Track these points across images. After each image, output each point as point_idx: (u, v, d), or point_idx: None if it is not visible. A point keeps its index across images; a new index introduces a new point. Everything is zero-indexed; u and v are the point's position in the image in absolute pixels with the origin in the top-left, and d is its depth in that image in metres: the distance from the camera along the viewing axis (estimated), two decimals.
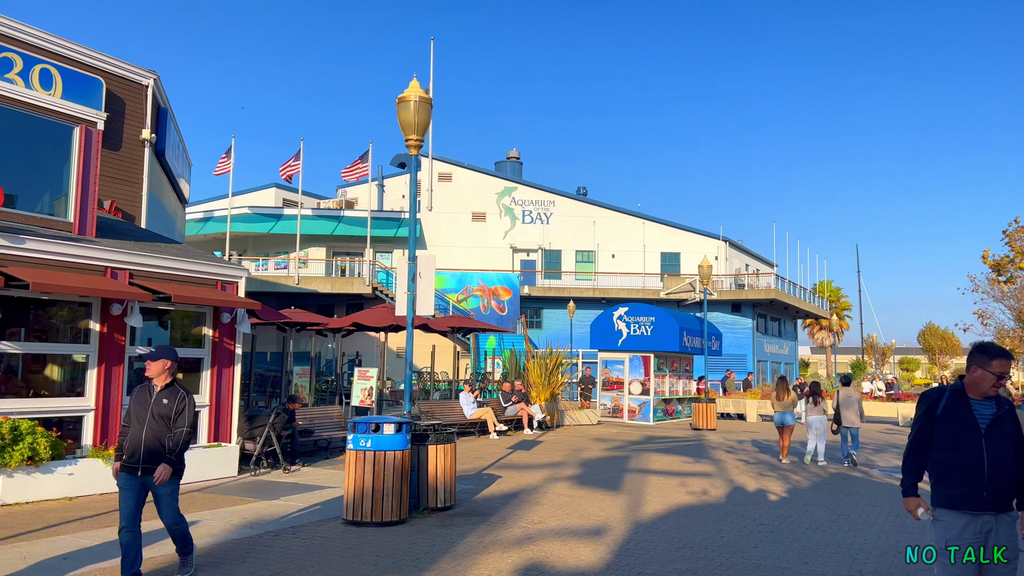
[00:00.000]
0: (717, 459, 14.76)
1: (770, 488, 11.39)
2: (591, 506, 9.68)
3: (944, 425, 4.33)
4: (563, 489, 10.94)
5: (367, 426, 8.39)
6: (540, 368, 21.16)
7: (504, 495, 10.36)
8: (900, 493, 10.77)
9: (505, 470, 12.75)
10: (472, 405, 17.84)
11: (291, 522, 8.43)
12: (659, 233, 46.44)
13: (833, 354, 65.07)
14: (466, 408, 17.77)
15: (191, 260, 11.72)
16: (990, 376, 4.26)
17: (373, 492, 8.25)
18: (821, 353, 73.10)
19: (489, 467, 13.09)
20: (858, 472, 13.49)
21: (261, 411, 12.79)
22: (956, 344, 77.59)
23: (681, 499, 10.29)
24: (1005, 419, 4.27)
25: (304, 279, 39.95)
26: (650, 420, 24.04)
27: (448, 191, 45.30)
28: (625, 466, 13.50)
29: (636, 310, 25.74)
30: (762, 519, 9.02)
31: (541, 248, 45.47)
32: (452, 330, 21.77)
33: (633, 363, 24.99)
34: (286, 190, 47.15)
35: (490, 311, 41.24)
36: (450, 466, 9.30)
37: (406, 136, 9.29)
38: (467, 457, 14.29)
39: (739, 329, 43.62)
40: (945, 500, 4.29)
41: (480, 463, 13.56)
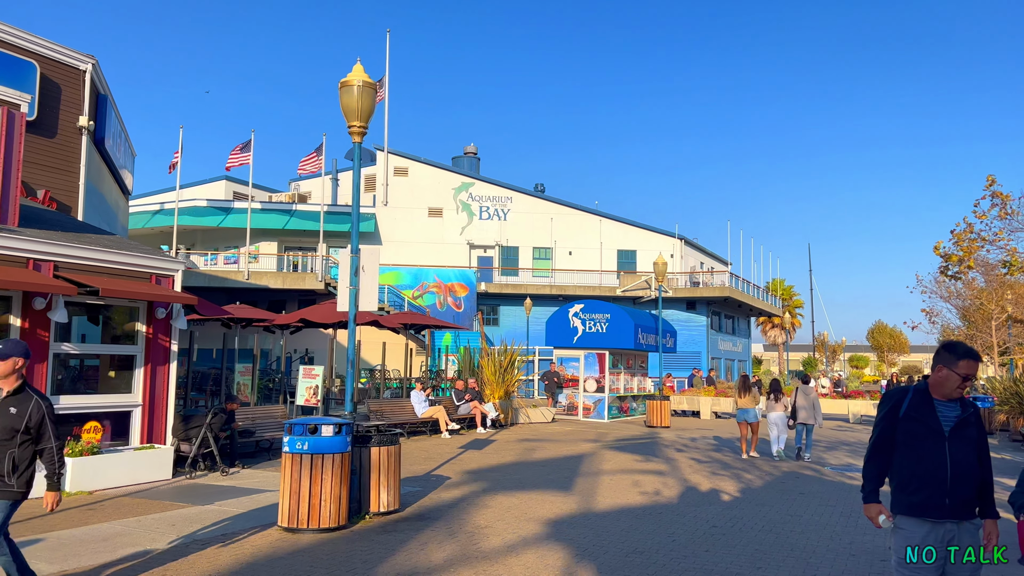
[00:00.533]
0: (670, 457, 14.60)
1: (723, 487, 11.23)
2: (541, 508, 9.38)
3: (906, 427, 4.09)
4: (513, 490, 10.62)
5: (304, 428, 7.95)
6: (494, 366, 20.83)
7: (452, 498, 10.00)
8: (852, 492, 10.70)
9: (455, 471, 12.39)
10: (424, 404, 17.43)
11: (223, 529, 7.95)
12: (616, 231, 46.47)
13: (785, 351, 65.98)
14: (417, 407, 17.35)
15: (122, 252, 11.10)
16: (955, 377, 4.03)
17: (310, 497, 7.82)
18: (774, 350, 74.16)
19: (438, 468, 12.71)
20: (810, 470, 13.44)
21: (197, 411, 12.21)
22: (904, 342, 79.51)
23: (633, 500, 10.05)
24: (969, 422, 4.05)
25: (255, 274, 39.00)
26: (605, 418, 23.89)
27: (404, 186, 44.68)
28: (578, 465, 13.25)
29: (592, 307, 25.57)
30: (714, 521, 8.82)
31: (498, 244, 45.14)
32: (405, 327, 21.31)
33: (588, 360, 24.81)
34: (237, 183, 46.02)
35: (446, 308, 40.78)
36: (394, 468, 8.91)
37: (349, 123, 8.86)
38: (416, 457, 13.89)
39: (694, 327, 43.88)
40: (905, 507, 4.06)
41: (429, 464, 13.17)
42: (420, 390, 17.64)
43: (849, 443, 18.54)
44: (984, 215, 16.09)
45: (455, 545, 7.43)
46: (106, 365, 11.85)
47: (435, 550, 7.21)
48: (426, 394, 17.81)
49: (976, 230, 16.39)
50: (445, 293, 40.87)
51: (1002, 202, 15.86)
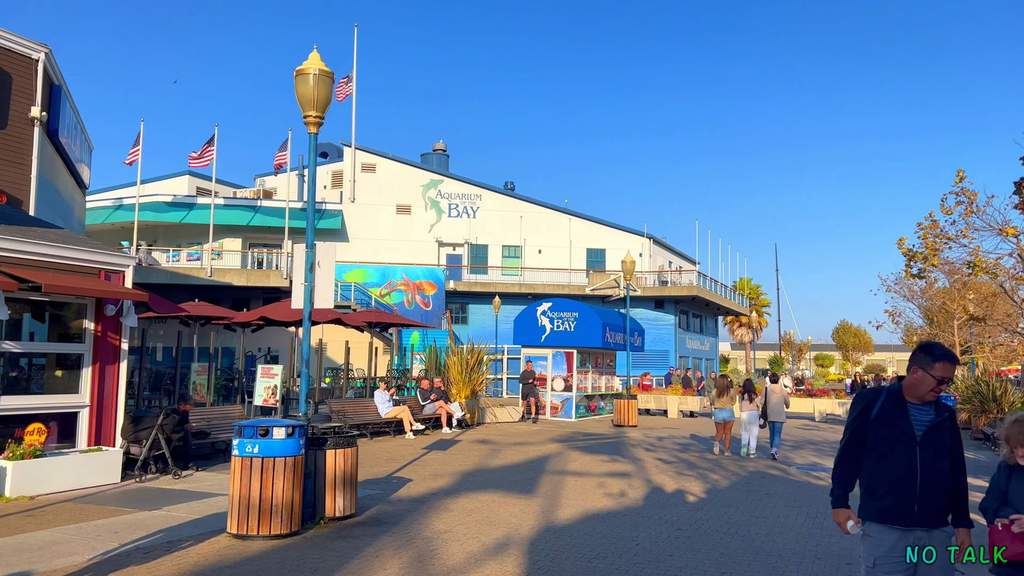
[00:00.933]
0: (636, 457, 14.45)
1: (689, 488, 11.08)
2: (503, 512, 9.13)
3: (877, 430, 3.91)
4: (476, 493, 10.36)
5: (254, 430, 7.61)
6: (461, 365, 20.54)
7: (412, 500, 9.72)
8: (818, 492, 10.61)
9: (417, 473, 12.10)
10: (387, 403, 17.09)
11: (168, 536, 7.58)
12: (585, 229, 46.41)
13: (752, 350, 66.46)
14: (381, 407, 17.00)
15: (68, 247, 10.63)
16: (930, 380, 3.85)
17: (261, 502, 7.48)
18: (741, 349, 74.76)
19: (400, 470, 12.41)
20: (776, 470, 13.37)
21: (149, 412, 11.77)
22: (868, 341, 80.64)
23: (598, 502, 9.85)
24: (944, 426, 3.87)
25: (218, 271, 38.29)
26: (572, 417, 23.73)
27: (372, 182, 44.16)
28: (543, 466, 13.03)
29: (560, 305, 25.38)
30: (679, 523, 8.64)
31: (467, 242, 44.83)
32: (370, 325, 20.93)
33: (556, 359, 24.63)
34: (200, 178, 45.14)
35: (414, 306, 40.37)
36: (351, 471, 8.60)
37: (305, 113, 8.53)
38: (378, 459, 13.57)
39: (662, 325, 43.97)
40: (874, 513, 3.88)
41: (391, 465, 12.86)
42: (384, 390, 17.29)
43: (815, 442, 18.57)
44: (950, 211, 16.12)
45: (412, 552, 7.16)
46: (52, 364, 11.37)
47: (390, 558, 6.93)
48: (390, 394, 17.47)
49: (941, 226, 16.42)
50: (413, 291, 40.45)
51: (968, 200, 15.90)
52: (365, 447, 15.16)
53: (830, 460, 14.87)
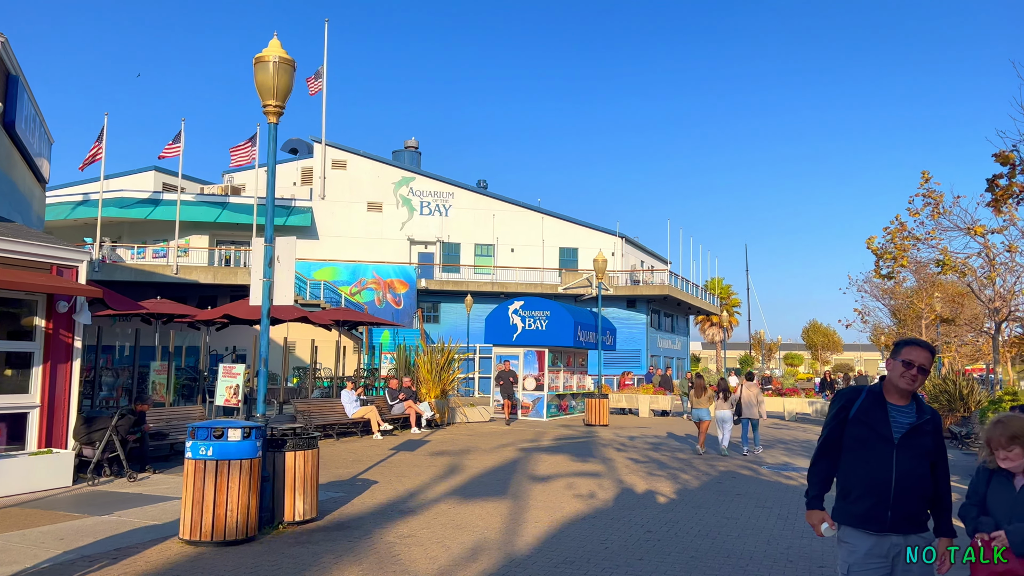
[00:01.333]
0: (607, 458, 14.28)
1: (659, 489, 10.93)
2: (470, 515, 8.89)
3: (854, 430, 3.72)
4: (442, 495, 10.11)
5: (208, 431, 7.30)
6: (431, 364, 20.25)
7: (376, 504, 9.44)
8: (789, 493, 10.48)
9: (383, 474, 11.81)
10: (355, 403, 16.75)
11: (118, 542, 7.24)
12: (558, 228, 46.29)
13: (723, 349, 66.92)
14: (348, 407, 16.67)
15: (17, 240, 10.19)
16: (898, 365, 3.69)
17: (215, 507, 7.17)
18: (712, 348, 75.21)
19: (366, 471, 12.11)
20: (747, 470, 13.28)
21: (103, 412, 11.35)
22: (837, 341, 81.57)
23: (567, 504, 9.64)
24: (924, 430, 3.68)
25: (184, 268, 37.60)
26: (543, 416, 23.55)
27: (342, 179, 43.64)
28: (512, 467, 12.81)
29: (531, 304, 25.19)
30: (649, 525, 8.46)
31: (439, 240, 44.48)
32: (338, 323, 20.56)
33: (528, 358, 24.43)
34: (166, 174, 44.26)
35: (385, 305, 39.96)
36: (311, 474, 8.31)
37: (264, 102, 8.21)
38: (343, 460, 13.26)
39: (634, 324, 44.00)
40: (847, 517, 3.71)
41: (357, 467, 12.56)
42: (351, 389, 16.95)
43: (785, 441, 18.56)
44: (917, 213, 16.21)
45: (373, 559, 6.89)
46: (1, 363, 10.91)
47: (349, 565, 6.66)
48: (358, 393, 17.13)
49: (909, 228, 16.51)
50: (384, 290, 40.04)
51: (935, 202, 15.99)
52: (331, 448, 14.84)
53: (801, 460, 14.83)
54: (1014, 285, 16.09)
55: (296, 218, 41.79)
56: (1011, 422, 3.62)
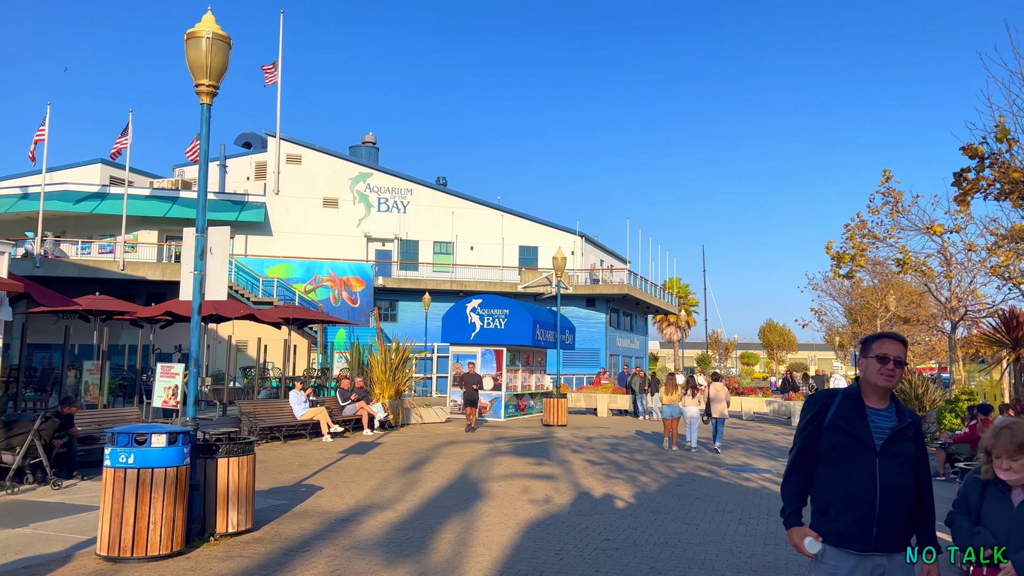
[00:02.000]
0: (564, 459, 13.89)
1: (617, 493, 10.56)
2: (419, 523, 8.40)
3: (831, 438, 3.34)
4: (390, 501, 9.59)
5: (129, 437, 6.69)
6: (385, 363, 19.66)
7: (319, 512, 8.89)
8: (749, 496, 10.17)
9: (329, 480, 11.24)
10: (303, 404, 16.10)
11: (29, 560, 6.60)
12: (518, 226, 45.89)
13: (681, 349, 67.36)
14: (296, 408, 16.01)
15: None
16: (873, 362, 3.34)
17: (136, 520, 6.57)
18: (670, 348, 75.59)
19: (311, 476, 11.53)
20: (705, 471, 13.00)
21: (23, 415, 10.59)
22: (793, 340, 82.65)
23: (522, 510, 9.21)
24: (906, 435, 3.33)
25: (132, 265, 36.31)
26: (501, 416, 23.12)
27: (298, 174, 42.63)
28: (466, 470, 12.33)
29: (490, 302, 24.74)
30: (607, 532, 8.07)
31: (397, 238, 43.75)
32: (287, 321, 19.84)
33: (485, 357, 23.97)
34: (114, 167, 42.81)
35: (341, 303, 39.13)
36: (247, 482, 7.73)
37: (196, 81, 7.61)
38: (289, 464, 12.65)
39: (593, 324, 43.82)
40: (826, 535, 3.31)
41: (303, 472, 11.96)
42: (300, 390, 16.30)
43: (744, 441, 18.40)
44: (877, 211, 16.15)
45: (309, 574, 6.36)
46: None
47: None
48: (307, 394, 16.48)
49: (869, 227, 16.45)
50: (340, 287, 39.21)
51: (895, 200, 15.95)
52: (277, 451, 14.21)
53: (760, 460, 14.63)
54: (970, 285, 16.13)
55: (249, 213, 40.73)
56: (1020, 429, 3.26)
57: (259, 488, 10.22)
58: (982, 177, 7.35)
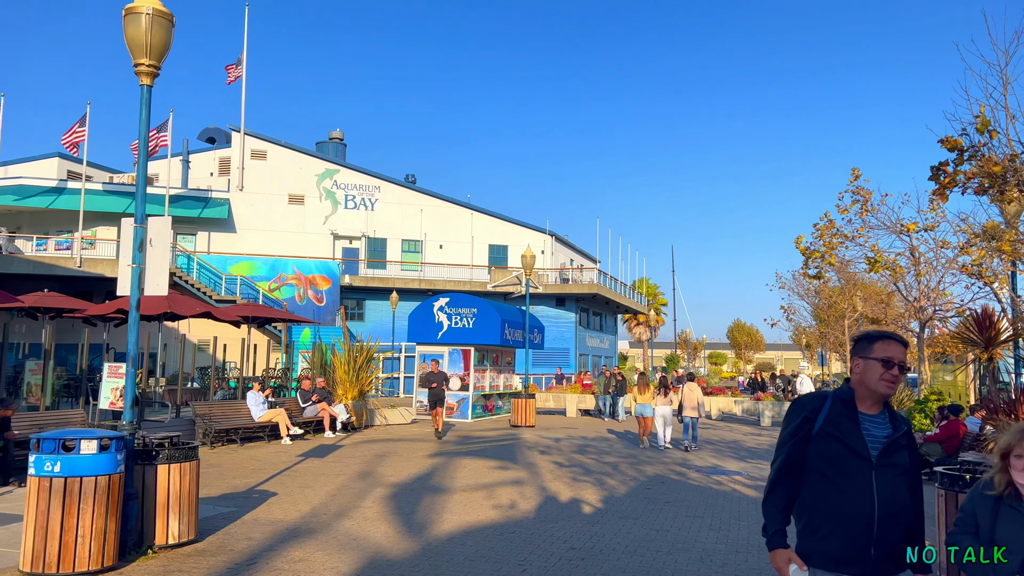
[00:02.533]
0: (531, 462, 13.52)
1: (585, 497, 10.21)
2: (376, 532, 7.96)
3: (822, 448, 2.98)
4: (347, 509, 9.14)
5: (56, 443, 6.17)
6: (348, 362, 19.13)
7: (270, 521, 8.41)
8: (720, 500, 9.87)
9: (285, 485, 10.74)
10: (262, 406, 15.54)
11: None
12: (488, 225, 45.48)
13: (650, 348, 67.46)
14: (254, 409, 15.45)
15: None
16: (875, 365, 2.99)
17: (63, 533, 6.06)
18: (639, 347, 75.72)
19: (266, 481, 11.02)
20: (675, 474, 12.71)
21: None
22: (760, 340, 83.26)
23: (485, 516, 8.81)
24: (901, 444, 3.00)
25: (90, 261, 35.24)
26: (468, 417, 22.70)
27: (262, 170, 41.79)
28: (430, 474, 11.91)
29: (457, 301, 24.30)
30: (573, 541, 7.70)
31: (365, 236, 43.09)
32: (247, 320, 19.22)
33: (453, 356, 23.53)
34: (72, 161, 41.58)
35: (307, 301, 38.42)
36: (190, 489, 7.24)
37: (136, 60, 7.10)
38: (243, 469, 12.11)
39: (563, 323, 43.56)
40: (817, 558, 2.95)
41: (257, 476, 11.44)
42: (258, 390, 15.73)
43: (713, 442, 18.19)
44: (846, 210, 16.01)
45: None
46: None
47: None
48: (265, 395, 15.92)
49: (838, 226, 16.30)
50: (305, 286, 38.49)
51: (863, 199, 15.82)
52: (232, 455, 13.65)
53: (731, 462, 14.39)
54: (938, 285, 16.07)
55: (212, 210, 39.82)
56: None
57: (209, 494, 9.72)
58: (960, 171, 7.12)
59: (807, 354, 66.18)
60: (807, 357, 69.04)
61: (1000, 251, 9.94)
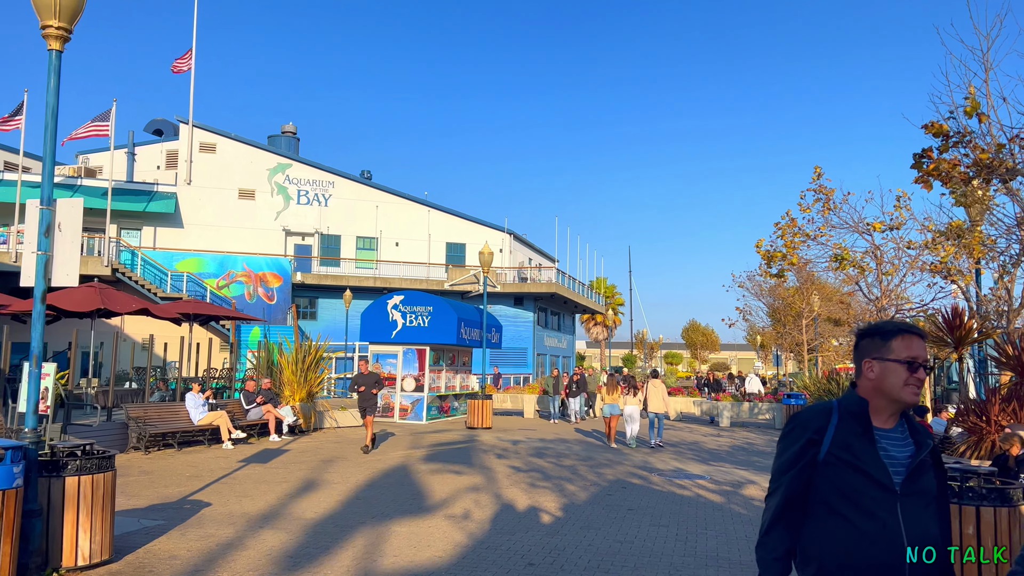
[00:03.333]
0: (487, 466, 12.92)
1: (543, 504, 9.64)
2: (317, 547, 7.28)
3: (832, 477, 2.38)
4: (286, 520, 8.42)
5: None
6: (296, 362, 18.29)
7: (200, 535, 7.66)
8: (684, 506, 9.35)
9: (221, 494, 9.97)
10: (201, 408, 14.67)
11: None
12: (445, 222, 44.74)
13: (607, 348, 67.38)
14: (193, 412, 14.56)
15: None
16: (896, 368, 2.40)
17: None
18: (596, 347, 75.68)
19: (201, 490, 10.23)
20: (637, 478, 12.23)
21: None
22: (715, 340, 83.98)
23: (436, 529, 8.18)
24: (927, 464, 2.43)
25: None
26: (423, 419, 22.00)
27: (211, 164, 40.43)
28: (379, 482, 11.23)
29: (412, 299, 23.56)
30: (532, 555, 7.13)
31: (318, 232, 42.01)
32: (188, 317, 18.25)
33: (407, 356, 22.81)
34: (7, 151, 39.72)
35: (257, 299, 37.25)
36: (104, 503, 6.48)
37: (43, 22, 6.30)
38: (178, 476, 11.28)
39: (521, 322, 43.06)
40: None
41: (192, 484, 10.64)
42: (197, 392, 14.84)
43: (674, 443, 17.81)
44: (808, 209, 15.74)
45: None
46: None
47: None
48: (205, 396, 15.03)
49: (799, 224, 16.02)
50: (255, 283, 37.31)
51: (826, 197, 15.57)
52: (167, 461, 12.78)
53: (693, 464, 13.98)
54: (899, 285, 15.89)
55: (158, 204, 38.38)
56: None
57: (136, 505, 8.94)
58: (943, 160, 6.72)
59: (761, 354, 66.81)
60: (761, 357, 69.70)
61: (971, 248, 9.67)
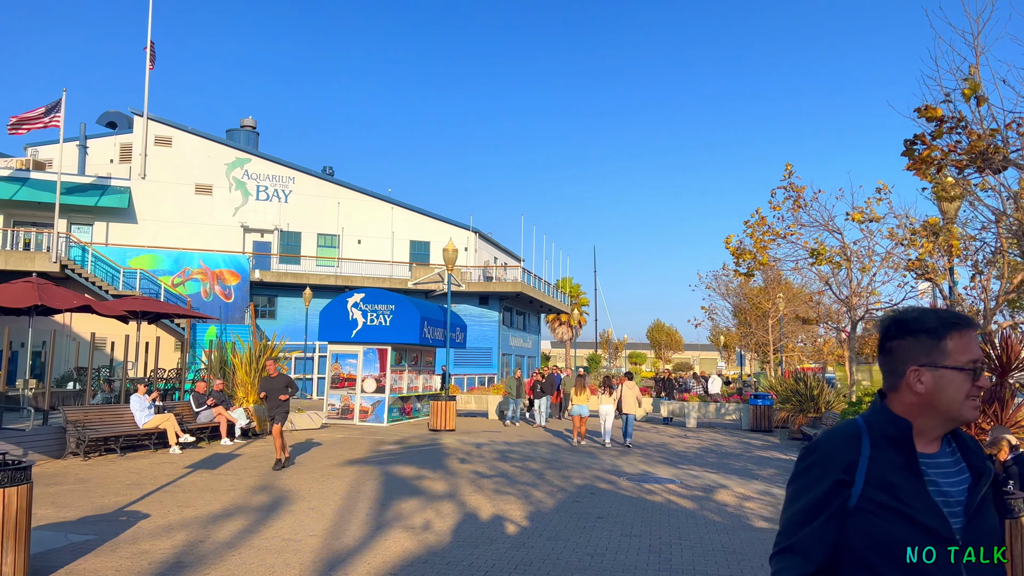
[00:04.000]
0: (451, 471, 12.37)
1: (508, 513, 9.13)
2: (258, 566, 6.68)
3: (871, 528, 1.78)
4: (230, 535, 7.79)
5: None
6: (250, 363, 17.54)
7: (133, 553, 7.00)
8: (655, 513, 8.84)
9: (163, 504, 9.27)
10: (147, 410, 13.88)
11: None
12: (409, 220, 44.01)
13: (573, 348, 67.15)
14: (138, 414, 13.77)
15: None
16: (956, 378, 1.83)
17: None
18: (561, 347, 75.47)
19: (141, 499, 9.52)
20: (605, 483, 11.79)
21: None
22: (679, 340, 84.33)
23: (394, 543, 7.62)
24: (987, 497, 1.87)
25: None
26: (384, 421, 21.35)
27: (167, 158, 39.21)
28: (333, 490, 10.61)
29: (374, 297, 22.88)
30: (495, 571, 6.61)
31: (278, 229, 40.99)
32: (135, 315, 17.37)
33: (368, 356, 22.13)
34: None
35: (213, 297, 36.18)
36: (19, 519, 5.81)
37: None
38: (118, 484, 10.54)
39: (486, 322, 42.55)
40: None
41: (132, 493, 9.92)
42: (143, 394, 14.05)
43: (641, 445, 17.44)
44: (778, 207, 15.48)
45: None
46: None
47: None
48: (152, 398, 14.24)
49: (769, 222, 15.75)
50: (212, 281, 36.23)
51: (796, 195, 15.32)
52: (108, 467, 12.01)
53: (661, 468, 13.58)
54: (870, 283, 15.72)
55: (111, 198, 37.06)
56: None
57: (66, 518, 8.23)
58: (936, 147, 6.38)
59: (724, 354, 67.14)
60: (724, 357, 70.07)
61: (949, 246, 9.42)
